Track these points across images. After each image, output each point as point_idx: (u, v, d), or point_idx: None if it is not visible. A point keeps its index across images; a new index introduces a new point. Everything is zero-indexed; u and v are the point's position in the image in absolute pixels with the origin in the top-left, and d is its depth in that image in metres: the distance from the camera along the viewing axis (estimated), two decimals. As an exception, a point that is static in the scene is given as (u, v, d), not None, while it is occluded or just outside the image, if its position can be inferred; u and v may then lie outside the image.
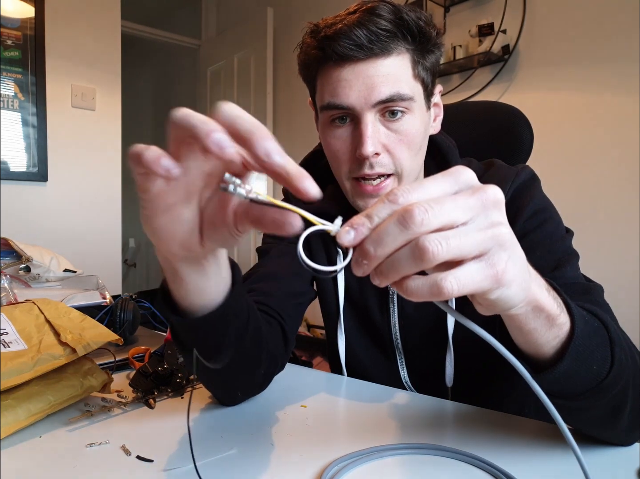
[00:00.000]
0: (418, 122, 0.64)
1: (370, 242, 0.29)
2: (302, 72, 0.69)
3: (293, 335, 0.70)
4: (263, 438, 0.53)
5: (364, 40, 0.58)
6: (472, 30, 2.00)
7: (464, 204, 0.29)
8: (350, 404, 0.65)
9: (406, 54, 0.61)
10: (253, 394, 0.63)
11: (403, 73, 0.61)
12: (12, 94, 2.24)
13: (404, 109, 0.62)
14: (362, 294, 0.77)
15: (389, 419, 0.59)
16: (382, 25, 0.58)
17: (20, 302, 0.72)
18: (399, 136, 0.63)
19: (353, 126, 0.63)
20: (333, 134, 0.65)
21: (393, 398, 0.66)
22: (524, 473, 0.45)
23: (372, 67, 0.59)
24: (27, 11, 2.25)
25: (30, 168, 2.31)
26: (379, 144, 0.62)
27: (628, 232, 1.66)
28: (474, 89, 2.07)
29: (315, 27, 0.63)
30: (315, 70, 0.65)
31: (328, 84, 0.62)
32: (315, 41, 0.63)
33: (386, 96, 0.60)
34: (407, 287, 0.30)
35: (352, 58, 0.59)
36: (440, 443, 0.51)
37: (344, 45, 0.58)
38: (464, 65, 2.07)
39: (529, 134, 0.85)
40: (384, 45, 0.59)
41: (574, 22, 1.78)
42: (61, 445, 0.51)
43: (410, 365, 0.77)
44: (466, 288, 0.29)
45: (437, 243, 0.28)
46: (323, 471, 0.45)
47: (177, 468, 0.46)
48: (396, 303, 0.74)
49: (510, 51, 1.93)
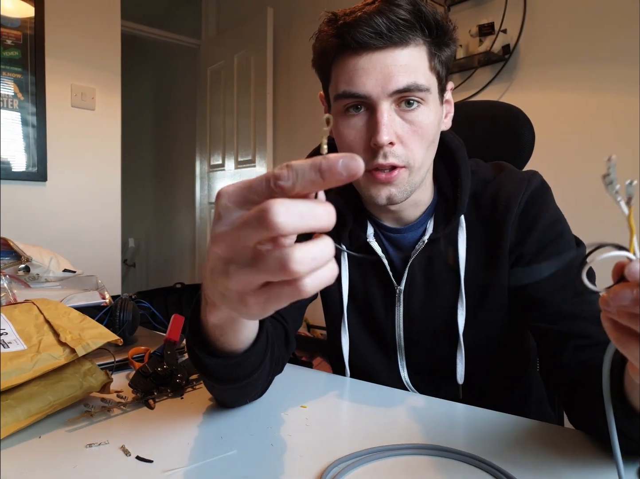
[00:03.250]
0: (432, 114, 0.64)
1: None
2: (316, 62, 0.68)
3: (294, 336, 0.70)
4: (263, 438, 0.53)
5: (383, 28, 0.58)
6: (472, 29, 2.00)
7: None
8: (351, 404, 0.65)
9: (423, 45, 0.61)
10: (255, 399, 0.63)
11: (420, 64, 0.61)
12: (12, 93, 2.24)
13: (419, 99, 0.62)
14: (367, 292, 0.76)
15: (389, 420, 0.58)
16: (401, 15, 0.58)
17: (19, 303, 0.72)
18: (413, 127, 0.62)
19: (368, 115, 0.63)
20: (347, 123, 0.64)
21: (393, 398, 0.66)
22: (523, 473, 0.45)
23: (389, 57, 0.59)
24: (27, 11, 2.25)
25: (29, 168, 2.31)
26: (393, 134, 0.61)
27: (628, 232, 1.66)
28: (475, 89, 2.07)
29: (333, 16, 0.63)
30: (332, 59, 0.64)
31: (344, 73, 0.62)
32: (333, 29, 0.62)
33: (403, 85, 0.60)
34: None
35: (371, 46, 0.59)
36: (441, 443, 0.51)
37: (364, 32, 0.58)
38: (464, 65, 2.07)
39: (530, 134, 0.85)
40: (403, 35, 0.59)
41: (574, 21, 1.78)
42: (61, 445, 0.51)
43: (412, 364, 0.77)
44: None
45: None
46: (323, 472, 0.45)
47: (177, 469, 0.46)
48: (402, 302, 0.74)
49: (510, 51, 1.93)
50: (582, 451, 0.50)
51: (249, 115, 3.05)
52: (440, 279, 0.72)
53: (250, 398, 0.62)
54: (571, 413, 0.59)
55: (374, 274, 0.75)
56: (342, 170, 0.27)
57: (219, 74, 3.31)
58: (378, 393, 0.68)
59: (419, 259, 0.72)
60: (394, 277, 0.73)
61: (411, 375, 0.77)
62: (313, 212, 0.27)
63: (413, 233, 0.73)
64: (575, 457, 0.49)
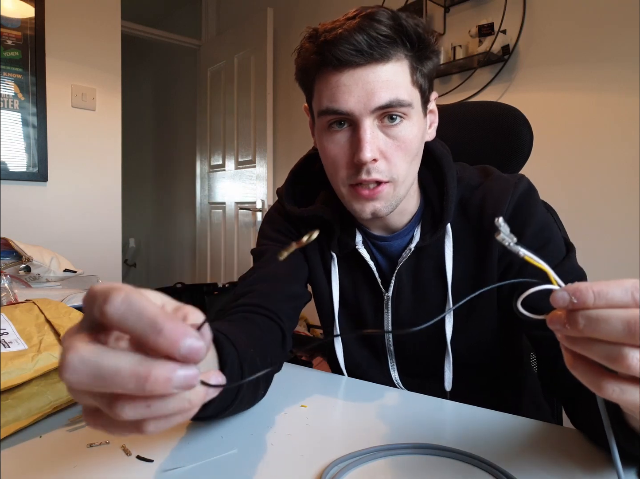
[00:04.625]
0: (415, 128, 0.64)
1: (584, 317, 0.30)
2: (299, 77, 0.68)
3: (290, 335, 0.70)
4: (263, 438, 0.53)
5: (364, 45, 0.58)
6: (472, 30, 2.00)
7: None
8: (351, 404, 0.65)
9: (405, 60, 0.61)
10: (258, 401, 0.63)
11: (402, 79, 0.61)
12: (12, 94, 2.24)
13: (402, 114, 0.62)
14: (357, 298, 0.77)
15: (389, 420, 0.59)
16: (382, 30, 0.58)
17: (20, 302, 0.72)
18: (396, 143, 0.62)
19: (351, 131, 0.63)
20: (331, 139, 0.64)
21: (393, 398, 0.66)
22: (523, 473, 0.45)
23: (371, 73, 0.59)
24: (27, 11, 2.25)
25: (30, 168, 2.31)
26: (376, 150, 0.61)
27: (628, 232, 1.66)
28: (474, 89, 2.07)
29: (314, 32, 0.63)
30: (314, 75, 0.64)
31: (327, 89, 0.62)
32: (314, 46, 0.62)
33: (385, 102, 0.59)
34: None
35: (352, 63, 0.59)
36: (441, 443, 0.51)
37: (344, 50, 0.58)
38: (463, 65, 2.07)
39: (528, 134, 0.85)
40: (384, 51, 0.59)
41: (574, 22, 1.78)
42: (61, 445, 0.51)
43: (403, 368, 0.78)
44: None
45: (637, 359, 0.28)
46: (323, 471, 0.45)
47: (178, 468, 0.46)
48: (390, 309, 0.74)
49: (510, 51, 1.93)
50: (582, 450, 0.51)
51: (249, 115, 3.05)
52: (428, 287, 0.72)
53: (243, 409, 0.60)
54: (572, 417, 0.59)
55: (364, 280, 0.75)
56: (182, 352, 0.24)
57: (219, 75, 3.31)
58: (378, 392, 0.68)
59: (407, 266, 0.72)
60: (383, 284, 0.74)
61: (402, 378, 0.78)
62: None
63: (400, 241, 0.73)
64: (576, 457, 0.49)
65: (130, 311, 0.24)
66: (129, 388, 0.24)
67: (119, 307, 0.24)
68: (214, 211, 3.43)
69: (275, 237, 0.79)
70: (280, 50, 3.03)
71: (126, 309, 0.24)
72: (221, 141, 3.31)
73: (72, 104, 2.44)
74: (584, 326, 0.29)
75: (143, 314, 0.24)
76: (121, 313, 0.24)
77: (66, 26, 2.39)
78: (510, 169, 0.88)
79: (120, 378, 0.24)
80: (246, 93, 3.07)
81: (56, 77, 2.37)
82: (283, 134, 3.08)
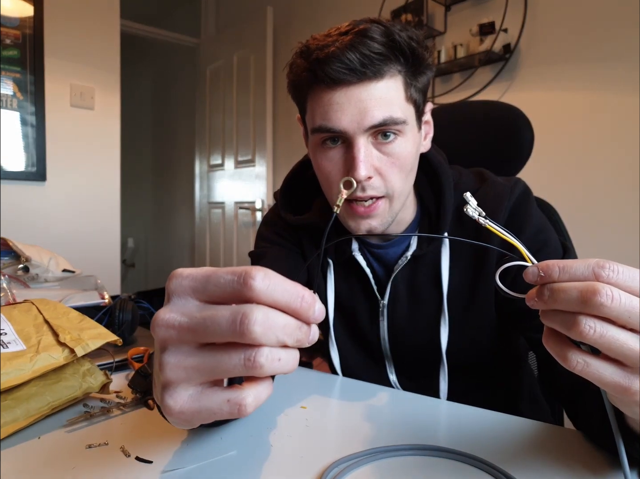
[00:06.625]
0: (410, 144, 0.63)
1: (548, 289, 0.32)
2: (292, 92, 0.67)
3: None
4: (263, 439, 0.53)
5: (356, 64, 0.56)
6: (473, 29, 1.99)
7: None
8: (351, 405, 0.65)
9: (398, 76, 0.60)
10: None
11: (396, 96, 0.60)
12: (11, 93, 2.23)
13: (396, 131, 0.61)
14: (353, 304, 0.77)
15: (389, 421, 0.58)
16: (374, 48, 0.57)
17: (18, 303, 0.72)
18: (391, 159, 0.62)
19: (345, 148, 0.62)
20: (324, 155, 0.64)
21: (393, 399, 0.66)
22: (523, 473, 0.45)
23: (364, 91, 0.58)
24: (26, 10, 2.25)
25: (28, 167, 2.31)
26: (371, 168, 0.61)
27: (629, 232, 1.66)
28: (475, 88, 2.07)
29: (306, 48, 0.61)
30: (306, 91, 0.63)
31: (319, 107, 0.61)
32: (306, 63, 0.61)
33: (379, 121, 0.59)
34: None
35: (345, 82, 0.58)
36: (441, 444, 0.51)
37: (336, 69, 0.57)
38: (464, 64, 2.06)
39: (529, 134, 0.85)
40: (377, 69, 0.58)
41: (575, 21, 1.78)
42: (60, 446, 0.51)
43: (401, 372, 0.78)
44: (594, 379, 0.32)
45: (590, 327, 0.30)
46: (323, 472, 0.45)
47: (177, 470, 0.46)
48: (386, 316, 0.74)
49: (511, 50, 1.92)
50: (582, 451, 0.50)
51: (248, 114, 3.05)
52: (424, 295, 0.72)
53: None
54: (574, 419, 0.58)
55: (360, 287, 0.75)
56: (316, 315, 0.29)
57: (218, 74, 3.30)
58: (378, 394, 0.68)
59: (403, 274, 0.72)
60: (379, 291, 0.74)
61: (401, 381, 0.78)
62: (293, 330, 0.29)
63: (396, 248, 0.73)
64: (576, 457, 0.49)
65: (274, 284, 0.28)
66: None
67: (265, 282, 0.28)
68: (213, 211, 3.42)
69: (274, 240, 0.79)
70: (280, 49, 3.03)
71: (270, 283, 0.28)
72: (220, 140, 3.31)
73: (71, 103, 2.43)
74: (548, 297, 0.32)
75: (285, 286, 0.29)
76: (267, 286, 0.28)
77: (65, 25, 2.38)
78: (511, 168, 0.87)
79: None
80: (246, 92, 3.06)
81: (55, 76, 2.36)
82: (282, 133, 3.07)
